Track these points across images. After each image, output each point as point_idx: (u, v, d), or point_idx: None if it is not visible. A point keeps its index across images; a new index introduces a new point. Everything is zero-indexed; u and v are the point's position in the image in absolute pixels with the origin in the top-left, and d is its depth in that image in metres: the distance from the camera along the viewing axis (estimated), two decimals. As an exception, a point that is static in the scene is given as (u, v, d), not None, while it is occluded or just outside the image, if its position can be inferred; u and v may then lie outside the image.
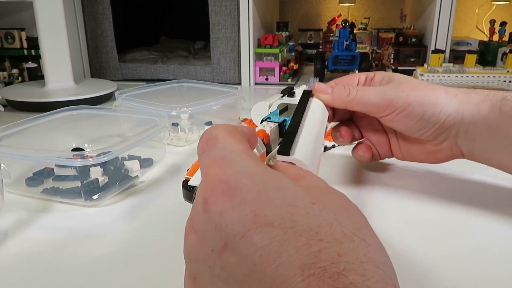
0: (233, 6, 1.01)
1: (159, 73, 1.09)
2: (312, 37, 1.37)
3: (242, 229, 0.17)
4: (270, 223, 0.17)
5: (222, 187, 0.18)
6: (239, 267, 0.17)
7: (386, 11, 1.48)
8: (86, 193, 0.39)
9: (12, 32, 1.00)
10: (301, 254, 0.16)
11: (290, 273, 0.15)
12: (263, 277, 0.16)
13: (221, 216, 0.18)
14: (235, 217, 0.17)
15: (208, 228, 0.18)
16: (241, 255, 0.17)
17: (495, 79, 0.88)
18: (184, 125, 0.59)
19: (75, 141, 0.54)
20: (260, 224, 0.17)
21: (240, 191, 0.18)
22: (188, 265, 0.19)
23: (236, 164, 0.19)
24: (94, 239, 0.34)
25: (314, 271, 0.15)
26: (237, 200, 0.18)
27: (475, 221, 0.35)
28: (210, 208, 0.18)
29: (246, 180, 0.18)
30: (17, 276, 0.29)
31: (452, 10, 0.97)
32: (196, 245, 0.19)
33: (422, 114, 0.36)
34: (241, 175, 0.19)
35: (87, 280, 0.29)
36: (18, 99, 0.80)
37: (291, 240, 0.16)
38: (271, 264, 0.16)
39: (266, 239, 0.16)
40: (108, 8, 1.05)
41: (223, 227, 0.17)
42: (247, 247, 0.17)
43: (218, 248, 0.17)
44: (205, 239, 0.18)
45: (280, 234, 0.16)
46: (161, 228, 0.35)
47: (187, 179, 0.36)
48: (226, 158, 0.20)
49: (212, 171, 0.19)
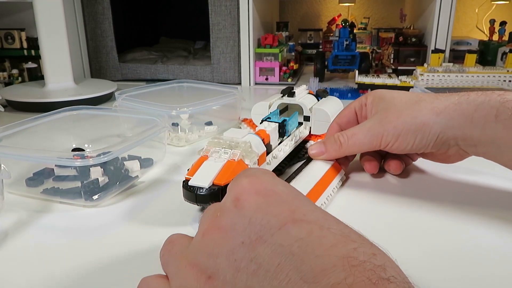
0: (233, 6, 1.01)
1: (159, 73, 1.09)
2: (312, 37, 1.37)
3: (279, 222, 0.18)
4: (308, 221, 0.18)
5: (256, 189, 0.19)
6: (273, 257, 0.17)
7: (386, 11, 1.48)
8: (86, 193, 0.39)
9: (12, 33, 1.00)
10: (339, 248, 0.16)
11: (331, 263, 0.16)
12: (301, 265, 0.16)
13: (256, 211, 0.18)
14: (272, 212, 0.18)
15: (239, 222, 0.18)
16: (276, 246, 0.17)
17: (495, 79, 0.88)
18: (184, 125, 0.59)
19: (75, 141, 0.54)
20: (297, 220, 0.18)
21: (275, 193, 0.19)
22: (203, 266, 0.19)
23: (269, 177, 0.21)
24: (94, 239, 0.34)
25: (355, 263, 0.16)
26: (272, 199, 0.19)
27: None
28: (244, 204, 0.19)
29: (282, 187, 0.20)
30: (17, 276, 0.29)
31: (452, 10, 0.97)
32: (221, 242, 0.19)
33: (414, 138, 0.37)
34: (276, 183, 0.20)
35: (87, 280, 0.29)
36: (18, 99, 0.80)
37: (328, 237, 0.17)
38: (310, 254, 0.16)
39: (304, 232, 0.17)
40: (108, 8, 1.05)
41: (258, 220, 0.18)
42: (284, 238, 0.17)
43: (250, 241, 0.18)
44: (234, 233, 0.18)
45: (318, 230, 0.17)
46: (161, 228, 0.35)
47: (187, 179, 0.36)
48: (259, 173, 0.21)
49: (244, 180, 0.20)
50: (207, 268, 0.19)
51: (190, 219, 0.36)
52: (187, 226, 0.35)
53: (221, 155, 0.36)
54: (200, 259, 0.19)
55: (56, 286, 0.28)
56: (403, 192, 0.41)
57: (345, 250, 0.16)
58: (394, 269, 0.16)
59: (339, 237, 0.17)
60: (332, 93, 0.90)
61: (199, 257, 0.19)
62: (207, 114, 0.65)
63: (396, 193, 0.41)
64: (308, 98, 0.52)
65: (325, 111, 0.49)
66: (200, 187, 0.35)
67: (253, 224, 0.18)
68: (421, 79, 0.88)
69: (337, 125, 0.45)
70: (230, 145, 0.37)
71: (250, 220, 0.18)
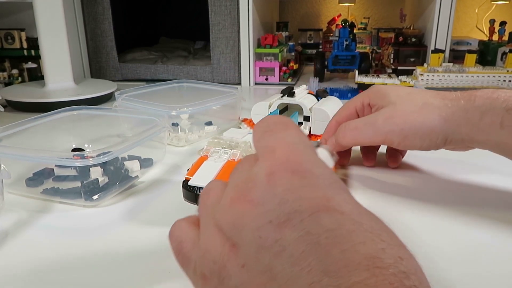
0: (233, 6, 1.01)
1: (159, 73, 1.09)
2: (312, 37, 1.37)
3: (311, 208, 0.17)
4: (341, 212, 0.17)
5: (292, 166, 0.18)
6: (299, 243, 0.16)
7: (386, 11, 1.48)
8: (86, 193, 0.39)
9: (12, 33, 1.00)
10: (368, 246, 0.16)
11: (355, 260, 0.15)
12: (325, 257, 0.16)
13: (289, 192, 0.17)
14: (305, 195, 0.17)
15: (270, 200, 0.18)
16: (304, 232, 0.16)
17: (495, 79, 0.88)
18: (184, 125, 0.59)
19: (75, 141, 0.54)
20: (330, 208, 0.17)
21: (312, 175, 0.18)
22: (228, 233, 0.19)
23: (309, 154, 0.19)
24: (94, 239, 0.34)
25: (380, 264, 0.15)
26: (307, 181, 0.18)
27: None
28: (277, 182, 0.18)
29: (320, 169, 0.19)
30: (17, 276, 0.29)
31: (452, 10, 0.97)
32: (248, 215, 0.18)
33: (421, 142, 0.37)
34: (315, 163, 0.19)
35: (87, 280, 0.29)
36: (18, 99, 0.80)
37: (358, 232, 0.16)
38: (336, 248, 0.16)
39: (335, 223, 0.17)
40: (108, 8, 1.05)
41: (290, 202, 0.17)
42: (314, 226, 0.17)
43: (278, 222, 0.17)
44: (262, 210, 0.18)
45: (349, 224, 0.17)
46: (161, 228, 0.35)
47: (187, 179, 0.36)
48: (300, 146, 0.20)
49: (282, 150, 0.19)
50: (232, 236, 0.18)
51: (190, 219, 0.36)
52: (187, 226, 0.35)
53: (221, 155, 0.36)
54: (225, 226, 0.19)
55: (56, 286, 0.28)
56: (402, 189, 0.41)
57: (373, 250, 0.16)
58: (417, 277, 0.16)
59: (369, 234, 0.16)
60: (332, 93, 0.90)
61: (224, 224, 0.19)
62: (207, 114, 0.65)
63: (395, 191, 0.41)
64: (308, 98, 0.52)
65: (325, 111, 0.49)
66: (200, 187, 0.35)
67: (284, 205, 0.17)
68: (421, 79, 0.88)
69: (336, 124, 0.44)
70: (230, 145, 0.37)
71: (281, 200, 0.17)
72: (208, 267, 0.19)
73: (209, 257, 0.19)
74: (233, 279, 0.18)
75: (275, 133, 0.21)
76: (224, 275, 0.18)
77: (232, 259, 0.18)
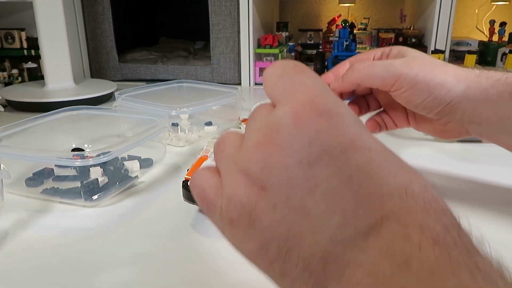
0: (233, 6, 1.01)
1: (159, 73, 1.09)
2: (312, 37, 1.37)
3: (341, 145, 0.18)
4: (369, 149, 0.18)
5: (317, 108, 0.18)
6: (331, 179, 0.17)
7: (386, 11, 1.48)
8: (86, 193, 0.39)
9: (12, 32, 1.00)
10: (397, 179, 0.17)
11: (388, 191, 0.17)
12: (358, 190, 0.17)
13: (317, 133, 0.18)
14: (334, 135, 0.18)
15: (298, 142, 0.18)
16: (336, 169, 0.17)
17: (495, 79, 0.88)
18: (184, 125, 0.59)
19: (75, 141, 0.54)
20: (359, 146, 0.18)
21: (338, 115, 0.18)
22: (254, 176, 0.19)
23: (330, 95, 0.19)
24: (94, 239, 0.34)
25: (411, 193, 0.16)
26: (334, 121, 0.18)
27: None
28: (303, 124, 0.18)
29: (343, 109, 0.19)
30: (17, 276, 0.29)
31: (452, 10, 0.97)
32: (276, 157, 0.18)
33: (428, 94, 0.36)
34: (337, 103, 0.19)
35: (87, 280, 0.29)
36: (18, 99, 0.80)
37: (388, 167, 0.17)
38: (368, 181, 0.17)
39: (365, 159, 0.17)
40: (108, 8, 1.05)
41: (319, 143, 0.18)
42: (344, 163, 0.17)
43: (308, 161, 0.18)
44: (291, 152, 0.18)
45: (378, 159, 0.18)
46: (161, 228, 0.35)
47: (187, 179, 0.36)
48: (319, 87, 0.20)
49: (304, 93, 0.19)
50: (259, 180, 0.18)
51: (190, 219, 0.36)
52: (187, 226, 0.35)
53: (221, 155, 0.36)
54: (252, 169, 0.19)
55: (56, 285, 0.28)
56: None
57: (403, 181, 0.17)
58: (442, 201, 0.17)
59: (398, 167, 0.18)
60: (332, 93, 0.90)
61: (251, 168, 0.19)
62: (207, 114, 0.65)
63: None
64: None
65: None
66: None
67: (313, 146, 0.18)
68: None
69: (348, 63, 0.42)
70: (230, 145, 0.37)
71: (310, 142, 0.18)
72: (236, 211, 0.19)
73: (237, 202, 0.19)
74: (264, 220, 0.18)
75: (292, 77, 0.20)
76: (254, 217, 0.18)
77: (262, 201, 0.18)
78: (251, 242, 0.19)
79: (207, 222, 0.36)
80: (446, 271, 0.14)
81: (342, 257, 0.16)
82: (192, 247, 0.32)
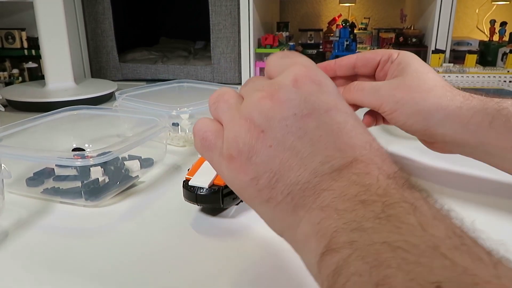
0: (233, 6, 1.01)
1: (159, 73, 1.09)
2: (312, 37, 1.37)
3: (326, 106, 0.23)
4: (346, 112, 0.24)
5: (311, 78, 0.24)
6: (317, 129, 0.23)
7: (386, 11, 1.48)
8: (86, 193, 0.39)
9: (13, 32, 1.00)
10: (364, 136, 0.23)
11: (358, 143, 0.23)
12: (337, 139, 0.22)
13: (310, 94, 0.23)
14: (322, 98, 0.23)
15: (295, 98, 0.23)
16: (321, 122, 0.23)
17: (495, 79, 0.88)
18: (184, 125, 0.59)
19: (75, 141, 0.54)
20: (340, 109, 0.24)
21: (326, 85, 0.24)
22: (256, 122, 0.23)
23: (320, 71, 0.25)
24: (95, 239, 0.34)
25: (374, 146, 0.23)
26: (322, 89, 0.24)
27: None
28: (301, 86, 0.23)
29: (329, 81, 0.25)
30: (17, 276, 0.29)
31: (452, 10, 0.97)
32: (276, 108, 0.23)
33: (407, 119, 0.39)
34: (325, 77, 0.25)
35: (87, 280, 0.29)
36: (18, 99, 0.80)
37: (359, 126, 0.23)
38: (344, 134, 0.23)
39: (343, 118, 0.23)
40: (108, 8, 1.05)
41: (311, 101, 0.23)
42: (329, 119, 0.23)
43: (301, 114, 0.23)
44: (289, 105, 0.23)
45: (352, 120, 0.24)
46: (161, 228, 0.35)
47: (188, 179, 0.36)
48: (313, 65, 0.25)
49: (301, 66, 0.24)
50: (260, 125, 0.23)
51: (191, 219, 0.36)
52: (187, 226, 0.35)
53: (221, 155, 0.36)
54: (255, 116, 0.23)
55: (56, 285, 0.28)
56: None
57: (368, 139, 0.23)
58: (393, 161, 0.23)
59: (364, 129, 0.24)
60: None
61: (254, 115, 0.23)
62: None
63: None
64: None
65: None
66: (200, 187, 0.35)
67: (307, 103, 0.23)
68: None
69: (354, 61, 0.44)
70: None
71: (305, 99, 0.23)
72: (237, 148, 0.23)
73: (239, 140, 0.23)
74: (260, 156, 0.23)
75: (291, 58, 0.26)
76: (252, 153, 0.23)
77: (261, 141, 0.23)
78: (245, 174, 0.23)
79: (208, 222, 0.36)
80: (395, 191, 0.20)
81: (320, 185, 0.21)
82: (193, 247, 0.32)
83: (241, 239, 0.33)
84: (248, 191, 0.24)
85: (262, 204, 0.24)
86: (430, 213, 0.18)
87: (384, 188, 0.20)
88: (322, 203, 0.21)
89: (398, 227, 0.17)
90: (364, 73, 0.44)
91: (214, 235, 0.34)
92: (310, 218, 0.21)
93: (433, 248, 0.16)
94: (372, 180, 0.20)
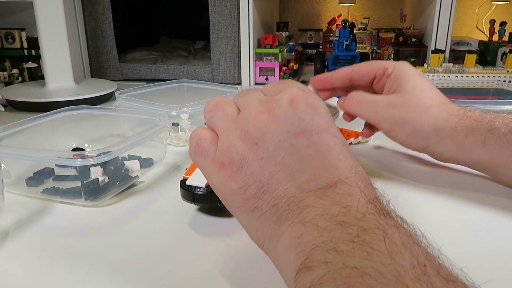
0: (233, 6, 1.01)
1: (159, 73, 1.09)
2: (312, 37, 1.37)
3: (318, 128, 0.25)
4: (335, 136, 0.26)
5: (307, 100, 0.26)
6: (308, 148, 0.24)
7: (386, 11, 1.48)
8: (86, 193, 0.39)
9: (12, 32, 1.00)
10: (350, 160, 0.25)
11: (344, 166, 0.24)
12: (324, 160, 0.24)
13: (305, 114, 0.25)
14: (316, 120, 0.25)
15: (290, 117, 0.25)
16: (312, 142, 0.24)
17: (495, 79, 0.88)
18: (184, 125, 0.59)
19: (75, 141, 0.54)
20: (330, 132, 0.25)
21: (319, 108, 0.26)
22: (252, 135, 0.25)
23: (315, 95, 0.27)
24: (94, 239, 0.34)
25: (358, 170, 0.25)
26: (316, 111, 0.26)
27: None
28: (297, 106, 0.25)
29: (322, 105, 0.27)
30: (17, 276, 0.29)
31: (452, 10, 0.97)
32: (271, 124, 0.25)
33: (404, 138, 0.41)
34: (319, 101, 0.27)
35: (87, 280, 0.29)
36: (18, 99, 0.80)
37: (345, 151, 0.25)
38: (332, 156, 0.24)
39: (332, 141, 0.25)
40: (108, 8, 1.05)
41: (305, 121, 0.25)
42: (319, 140, 0.25)
43: (294, 132, 0.24)
44: (284, 123, 0.25)
45: (341, 144, 0.25)
46: (161, 228, 0.35)
47: (185, 178, 0.36)
48: (308, 90, 0.27)
49: (297, 89, 0.26)
50: (255, 137, 0.25)
51: (189, 219, 0.37)
52: (187, 226, 0.36)
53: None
54: (251, 128, 0.25)
55: (56, 285, 0.28)
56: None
57: (352, 163, 0.25)
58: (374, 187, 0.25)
59: (350, 154, 0.25)
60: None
61: (251, 127, 0.25)
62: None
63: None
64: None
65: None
66: (198, 187, 0.35)
67: (301, 122, 0.25)
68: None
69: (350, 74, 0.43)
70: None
71: (299, 119, 0.25)
72: (230, 157, 0.25)
73: (233, 149, 0.25)
74: (251, 166, 0.24)
75: (286, 83, 0.28)
76: (243, 163, 0.24)
77: (253, 152, 0.24)
78: (234, 182, 0.24)
79: (207, 222, 0.36)
80: (372, 216, 0.21)
81: (304, 201, 0.23)
82: (193, 247, 0.32)
83: (239, 238, 0.33)
84: (234, 199, 0.25)
85: (247, 213, 0.25)
86: (400, 241, 0.19)
87: (362, 212, 0.21)
88: (304, 218, 0.22)
89: (369, 253, 0.19)
90: (361, 85, 0.44)
91: (213, 234, 0.34)
92: (291, 232, 0.22)
93: (397, 277, 0.17)
94: (353, 202, 0.22)
